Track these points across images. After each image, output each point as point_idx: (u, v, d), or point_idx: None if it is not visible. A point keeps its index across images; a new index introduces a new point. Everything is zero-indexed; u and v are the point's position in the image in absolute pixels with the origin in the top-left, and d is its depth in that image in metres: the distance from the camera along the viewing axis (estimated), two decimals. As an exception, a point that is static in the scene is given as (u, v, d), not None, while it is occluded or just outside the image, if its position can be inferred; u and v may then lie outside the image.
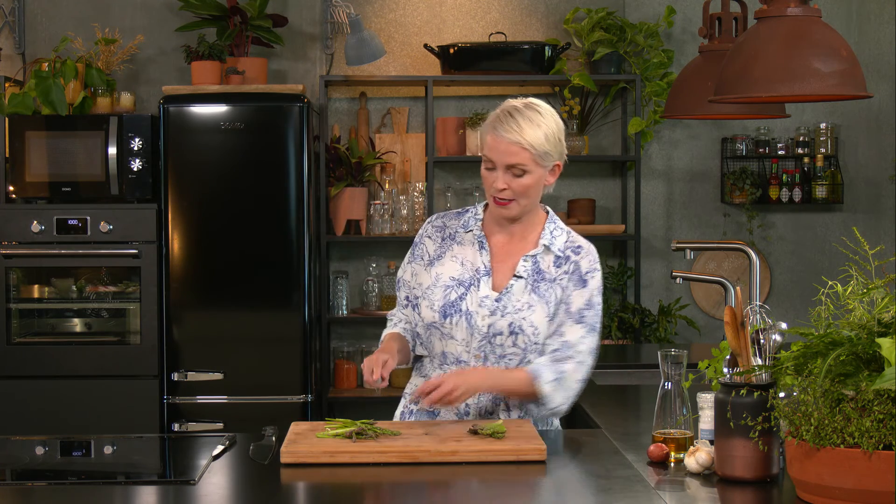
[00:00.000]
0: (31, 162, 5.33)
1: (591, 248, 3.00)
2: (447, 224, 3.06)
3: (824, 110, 6.02)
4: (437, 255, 3.01)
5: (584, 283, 2.95)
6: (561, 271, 2.95)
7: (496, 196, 2.91)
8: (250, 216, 5.29)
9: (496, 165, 2.88)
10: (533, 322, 2.90)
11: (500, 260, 2.97)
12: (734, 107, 3.93)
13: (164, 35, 5.89)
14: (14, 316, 5.36)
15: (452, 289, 2.94)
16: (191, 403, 5.31)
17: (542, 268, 2.95)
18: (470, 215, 3.05)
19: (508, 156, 2.86)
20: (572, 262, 2.96)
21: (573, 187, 6.07)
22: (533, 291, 2.92)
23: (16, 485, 2.59)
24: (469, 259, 2.98)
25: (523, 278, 2.93)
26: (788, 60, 2.91)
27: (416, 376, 3.09)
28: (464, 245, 3.00)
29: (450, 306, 2.93)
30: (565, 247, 2.98)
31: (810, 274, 6.02)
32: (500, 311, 2.91)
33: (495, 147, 2.87)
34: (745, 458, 2.35)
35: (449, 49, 5.73)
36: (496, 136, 2.87)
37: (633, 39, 5.79)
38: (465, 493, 2.50)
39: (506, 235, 3.00)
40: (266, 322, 5.29)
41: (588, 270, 2.96)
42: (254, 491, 2.51)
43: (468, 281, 2.95)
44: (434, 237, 3.05)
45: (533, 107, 2.93)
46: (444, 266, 2.99)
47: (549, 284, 2.94)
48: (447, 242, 3.02)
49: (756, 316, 2.45)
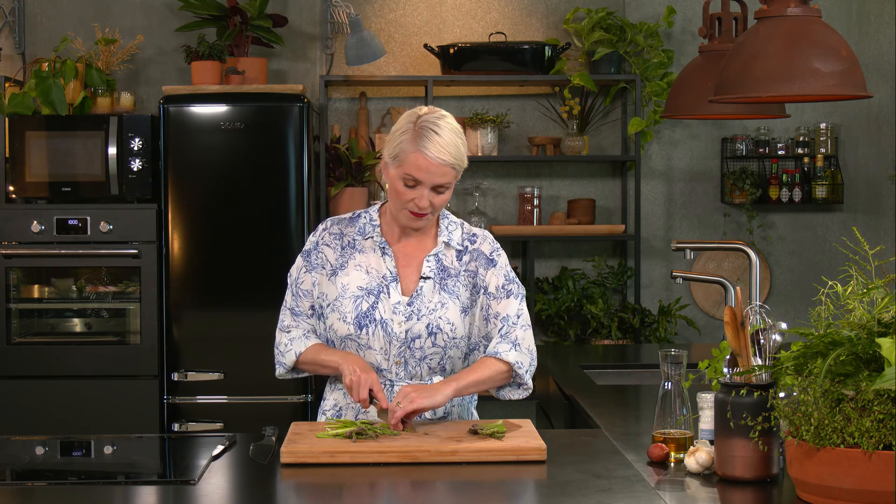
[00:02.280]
0: (31, 162, 5.33)
1: (486, 234, 3.03)
2: (344, 231, 3.01)
3: (824, 110, 6.02)
4: (340, 265, 2.97)
5: (493, 261, 2.97)
6: (463, 263, 2.97)
7: (415, 211, 2.87)
8: (250, 216, 5.29)
9: (423, 184, 2.84)
10: (449, 319, 2.91)
11: (404, 264, 2.97)
12: (734, 107, 3.93)
13: (164, 35, 5.90)
14: (14, 316, 5.37)
15: (362, 299, 2.92)
16: (191, 403, 5.31)
17: (445, 264, 2.96)
18: (365, 221, 3.00)
19: (439, 176, 2.83)
20: (471, 251, 2.98)
21: (573, 187, 6.07)
22: (442, 289, 2.93)
23: (16, 485, 2.59)
24: (374, 266, 2.95)
25: (431, 278, 2.94)
26: (788, 60, 2.91)
27: (335, 390, 3.05)
28: (365, 252, 2.97)
29: (363, 317, 2.91)
30: (462, 239, 3.00)
31: (810, 274, 6.02)
32: (416, 315, 2.90)
33: (425, 168, 2.81)
34: (745, 458, 2.35)
35: (449, 49, 5.73)
36: (427, 157, 2.80)
37: (633, 39, 5.80)
38: (465, 493, 2.50)
39: (406, 238, 2.99)
40: (266, 322, 5.23)
41: (492, 251, 2.99)
42: (254, 491, 2.51)
43: (377, 289, 2.93)
44: (333, 245, 3.00)
45: (447, 119, 2.87)
46: (349, 276, 2.95)
47: (455, 279, 2.95)
48: (347, 251, 2.98)
49: (756, 316, 2.45)
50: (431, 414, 2.96)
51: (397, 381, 2.93)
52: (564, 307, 5.77)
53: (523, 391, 2.94)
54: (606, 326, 5.71)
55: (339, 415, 3.02)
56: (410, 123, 2.86)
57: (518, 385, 2.94)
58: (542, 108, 6.04)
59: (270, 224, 5.30)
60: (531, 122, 6.07)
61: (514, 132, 6.03)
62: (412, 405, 2.74)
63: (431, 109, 2.90)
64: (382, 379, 2.94)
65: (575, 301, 5.79)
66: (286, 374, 3.05)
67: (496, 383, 2.91)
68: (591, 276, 6.01)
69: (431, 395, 2.77)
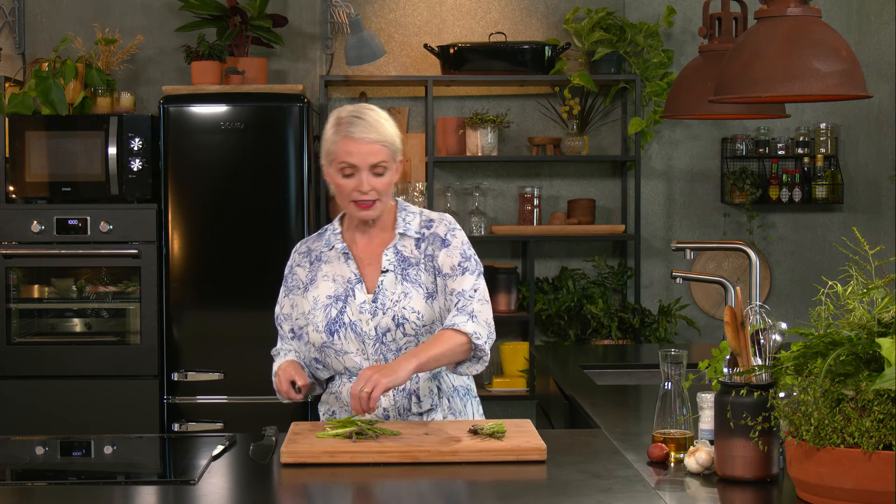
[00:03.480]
0: (31, 162, 5.33)
1: (443, 216, 3.04)
2: (311, 247, 3.08)
3: (824, 110, 6.02)
4: (310, 280, 3.03)
5: (447, 242, 2.98)
6: (422, 250, 2.98)
7: (360, 199, 2.90)
8: (250, 216, 5.30)
9: (358, 168, 2.88)
10: (414, 308, 2.93)
11: (366, 264, 3.00)
12: (734, 107, 3.93)
13: (164, 35, 5.90)
14: (14, 316, 5.37)
15: (331, 306, 2.97)
16: (191, 403, 5.31)
17: (405, 255, 2.98)
18: (329, 233, 3.06)
19: (371, 155, 2.88)
20: (428, 236, 2.99)
21: (573, 187, 6.07)
22: (404, 280, 2.95)
23: (16, 485, 2.59)
24: (339, 273, 3.00)
25: (391, 270, 2.96)
26: (788, 60, 2.91)
27: (327, 395, 3.08)
28: (331, 262, 3.02)
29: (333, 323, 2.95)
30: (420, 227, 3.01)
31: (810, 274, 6.02)
32: (381, 310, 2.93)
33: (356, 150, 2.87)
34: (745, 458, 2.35)
35: (449, 49, 5.73)
36: (353, 140, 2.87)
37: (633, 39, 5.80)
38: (465, 493, 2.50)
39: (366, 238, 3.02)
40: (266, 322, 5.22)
41: (447, 232, 2.99)
42: (254, 491, 2.51)
43: (343, 294, 2.97)
44: (303, 264, 3.07)
45: (370, 108, 2.95)
46: (319, 288, 3.00)
47: (417, 268, 2.97)
48: (315, 265, 3.04)
49: (756, 316, 2.45)
50: (417, 407, 2.97)
51: None
52: (564, 307, 5.77)
53: (481, 364, 2.91)
54: (606, 326, 5.71)
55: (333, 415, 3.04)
56: (335, 120, 2.94)
57: (477, 359, 2.90)
58: (542, 108, 6.04)
59: (270, 224, 5.30)
60: (531, 122, 6.07)
61: (514, 132, 6.03)
62: (378, 388, 2.70)
63: (354, 105, 2.97)
64: None
65: (575, 301, 5.79)
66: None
67: (456, 356, 2.87)
68: (591, 276, 6.01)
69: (394, 373, 2.73)
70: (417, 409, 2.97)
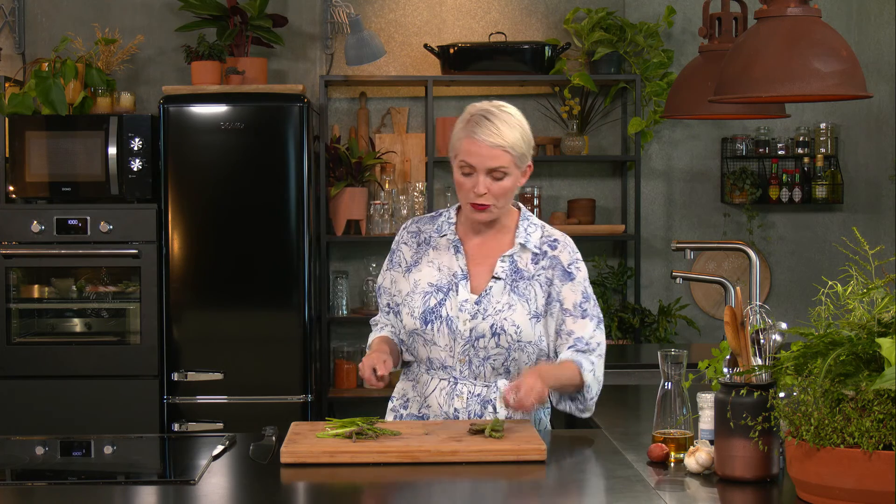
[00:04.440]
0: (31, 162, 5.33)
1: (567, 240, 3.01)
2: (422, 229, 3.06)
3: (824, 110, 6.02)
4: (414, 262, 3.01)
5: (571, 275, 2.94)
6: (539, 267, 2.95)
7: (475, 201, 2.89)
8: (250, 216, 5.30)
9: (476, 170, 2.87)
10: (514, 321, 2.90)
11: (476, 263, 2.97)
12: (734, 107, 3.93)
13: (164, 35, 5.90)
14: (14, 316, 5.37)
15: (431, 295, 2.94)
16: (191, 403, 5.31)
17: (519, 266, 2.95)
18: (443, 219, 3.04)
19: (490, 159, 2.87)
20: (550, 257, 2.96)
21: (573, 187, 6.07)
22: (512, 291, 2.92)
23: (16, 485, 2.59)
24: (445, 264, 2.97)
25: (502, 279, 2.93)
26: (788, 60, 2.91)
27: (405, 380, 3.09)
28: (439, 250, 3.00)
29: (430, 312, 2.93)
30: (541, 242, 2.98)
31: (810, 274, 6.02)
32: (482, 314, 2.90)
33: (476, 151, 2.86)
34: (745, 458, 2.35)
35: (449, 49, 5.73)
36: (475, 141, 2.86)
37: (633, 39, 5.80)
38: (465, 493, 2.50)
39: (481, 237, 3.00)
40: (266, 322, 5.29)
41: (570, 262, 2.96)
42: (254, 491, 2.51)
43: (446, 286, 2.94)
44: (410, 243, 3.05)
45: (504, 109, 2.94)
46: (422, 272, 2.98)
47: (528, 282, 2.93)
48: (423, 248, 3.02)
49: (756, 316, 2.45)
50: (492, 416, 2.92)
51: (461, 378, 2.93)
52: (564, 307, 5.77)
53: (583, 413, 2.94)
54: (606, 326, 5.71)
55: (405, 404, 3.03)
56: (467, 115, 2.93)
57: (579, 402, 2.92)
58: (542, 108, 6.04)
59: (270, 224, 5.29)
60: (531, 122, 5.98)
61: (514, 132, 6.02)
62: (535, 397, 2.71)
63: (491, 102, 2.95)
64: (447, 376, 2.93)
65: (575, 301, 5.79)
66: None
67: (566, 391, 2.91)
68: (591, 276, 6.00)
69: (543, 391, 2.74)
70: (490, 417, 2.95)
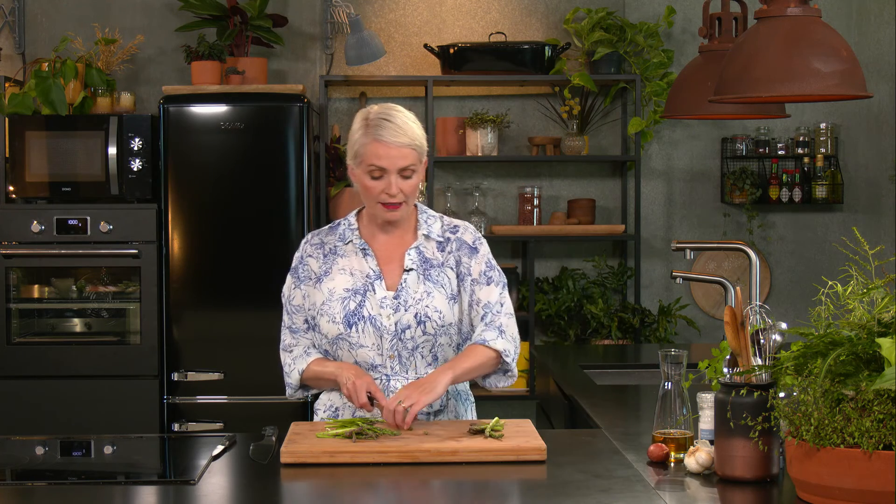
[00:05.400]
0: (31, 162, 5.33)
1: (468, 225, 3.08)
2: (324, 240, 3.07)
3: (824, 110, 6.02)
4: (324, 272, 3.02)
5: (476, 250, 3.03)
6: (446, 253, 3.02)
7: (388, 202, 2.92)
8: (250, 216, 5.30)
9: (387, 171, 2.89)
10: (436, 307, 2.95)
11: (386, 261, 3.01)
12: (734, 107, 3.93)
13: (164, 35, 5.90)
14: (14, 316, 5.36)
15: (350, 298, 2.96)
16: (191, 403, 5.31)
17: (427, 256, 3.01)
18: (344, 227, 3.06)
19: (400, 159, 2.89)
20: (454, 240, 3.03)
21: (573, 187, 6.07)
22: (427, 280, 2.97)
23: (16, 485, 2.59)
24: (357, 268, 3.00)
25: (414, 269, 2.98)
26: (788, 60, 2.91)
27: (331, 391, 3.08)
28: (347, 256, 3.02)
29: (352, 315, 2.95)
30: (443, 231, 3.05)
31: (810, 274, 6.02)
32: (403, 307, 2.94)
33: (385, 154, 2.88)
34: (745, 458, 2.35)
35: (449, 49, 5.73)
36: (382, 143, 2.88)
37: (633, 39, 5.79)
38: (465, 493, 2.50)
39: (386, 236, 3.03)
40: (266, 322, 5.26)
41: (474, 240, 3.04)
42: (254, 491, 2.51)
43: (362, 288, 2.97)
44: (315, 255, 3.05)
45: (397, 109, 2.96)
46: (335, 280, 3.00)
47: (440, 269, 2.99)
48: (329, 257, 3.03)
49: (756, 316, 2.45)
50: (428, 407, 2.98)
51: (393, 375, 2.96)
52: (564, 307, 5.77)
53: (509, 379, 3.01)
54: (606, 326, 5.71)
55: (335, 415, 3.04)
56: (363, 120, 2.94)
57: (504, 372, 2.99)
58: (542, 108, 6.04)
59: (270, 224, 5.30)
60: (531, 122, 6.07)
61: (514, 132, 6.03)
62: (417, 406, 2.76)
63: (381, 105, 2.97)
64: (378, 375, 2.97)
65: (575, 301, 5.79)
66: (296, 394, 3.10)
67: (486, 370, 2.97)
68: (591, 276, 6.01)
69: (432, 389, 2.81)
70: (427, 409, 2.99)
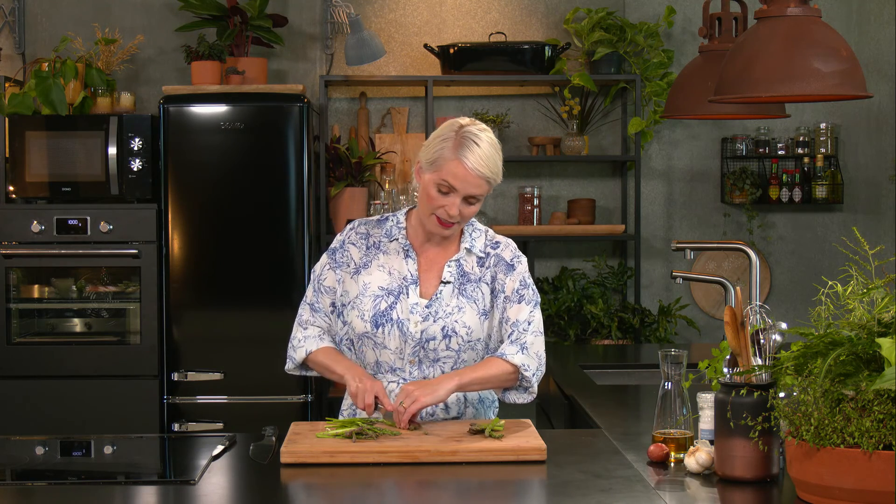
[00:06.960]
0: (31, 162, 5.33)
1: (509, 242, 3.06)
2: (371, 232, 3.05)
3: (824, 110, 6.02)
4: (364, 264, 3.01)
5: (512, 267, 2.99)
6: (484, 269, 3.00)
7: (445, 219, 2.90)
8: (250, 216, 5.30)
9: (457, 192, 2.86)
10: (465, 323, 2.93)
11: (425, 268, 3.00)
12: (734, 107, 3.93)
13: (164, 35, 5.90)
14: (14, 316, 5.36)
15: (382, 298, 2.95)
16: (191, 403, 5.31)
17: (466, 270, 2.99)
18: (392, 224, 3.04)
19: (474, 187, 2.87)
20: (493, 256, 3.01)
21: (573, 187, 6.07)
22: (461, 294, 2.96)
23: (16, 485, 2.60)
24: (396, 268, 2.99)
25: (450, 283, 2.96)
26: (788, 60, 2.91)
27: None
28: (389, 254, 3.01)
29: (380, 316, 2.94)
30: (485, 246, 3.03)
31: (810, 274, 6.02)
32: (432, 317, 2.93)
33: (463, 177, 2.84)
34: (745, 458, 2.35)
35: (449, 49, 5.73)
36: (464, 166, 2.84)
37: (633, 39, 5.79)
38: (465, 493, 2.50)
39: (431, 244, 3.02)
40: (266, 322, 5.29)
41: (513, 257, 3.01)
42: (254, 491, 2.51)
43: (397, 290, 2.96)
44: (359, 244, 3.03)
45: (487, 133, 2.90)
46: (372, 275, 2.98)
47: (476, 285, 2.97)
48: (372, 251, 3.02)
49: (756, 316, 2.45)
50: (444, 413, 2.97)
51: (410, 380, 2.95)
52: (564, 307, 5.77)
53: (528, 395, 2.95)
54: (606, 326, 5.71)
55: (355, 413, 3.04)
56: (452, 132, 2.88)
57: (524, 389, 2.95)
58: (542, 108, 6.04)
59: (270, 224, 5.30)
60: (531, 122, 6.07)
61: (514, 132, 6.03)
62: (416, 404, 2.76)
63: (473, 121, 2.93)
64: (396, 378, 2.96)
65: (575, 301, 5.79)
66: (294, 370, 3.08)
67: (501, 383, 2.93)
68: (591, 276, 6.01)
69: (434, 391, 2.80)
70: (444, 416, 2.98)
